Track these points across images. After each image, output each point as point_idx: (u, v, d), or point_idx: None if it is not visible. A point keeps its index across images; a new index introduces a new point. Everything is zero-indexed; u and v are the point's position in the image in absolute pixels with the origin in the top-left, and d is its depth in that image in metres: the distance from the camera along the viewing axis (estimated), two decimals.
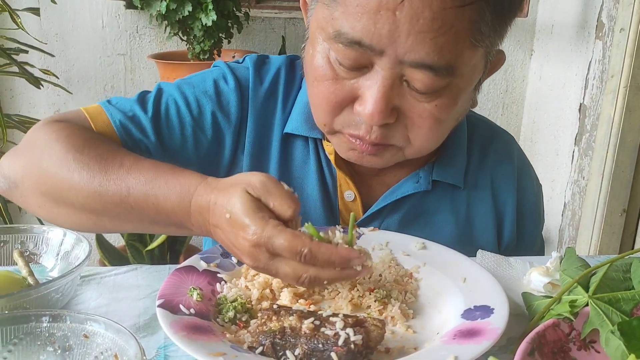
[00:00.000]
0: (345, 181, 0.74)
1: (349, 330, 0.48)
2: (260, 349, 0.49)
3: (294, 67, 0.76)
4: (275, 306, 0.53)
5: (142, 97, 0.72)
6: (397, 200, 0.73)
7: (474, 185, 0.77)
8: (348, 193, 0.74)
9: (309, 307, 0.57)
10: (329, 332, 0.48)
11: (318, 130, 0.71)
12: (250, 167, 0.74)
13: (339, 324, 0.49)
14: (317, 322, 0.50)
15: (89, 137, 0.64)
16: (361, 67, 0.58)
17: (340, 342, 0.47)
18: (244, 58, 0.76)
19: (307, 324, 0.49)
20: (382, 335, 0.50)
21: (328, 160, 0.74)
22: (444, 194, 0.76)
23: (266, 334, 0.49)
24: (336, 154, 0.71)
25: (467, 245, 0.75)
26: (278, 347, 0.49)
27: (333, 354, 0.47)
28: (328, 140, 0.71)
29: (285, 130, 0.73)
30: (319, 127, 0.68)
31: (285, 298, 0.58)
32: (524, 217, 0.81)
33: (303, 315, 0.51)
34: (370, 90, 0.58)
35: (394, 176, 0.75)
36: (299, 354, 0.48)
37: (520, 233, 0.81)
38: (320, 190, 0.73)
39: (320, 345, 0.48)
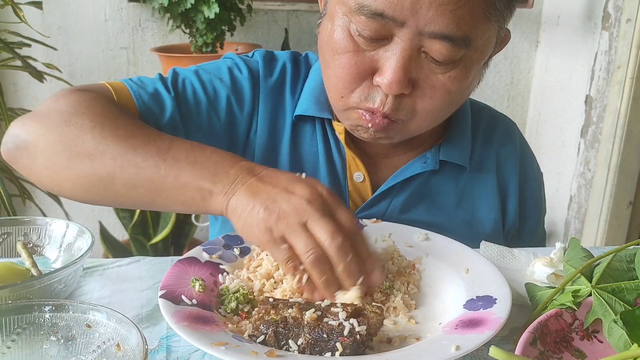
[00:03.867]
0: (354, 162, 0.76)
1: (353, 321, 0.48)
2: (262, 337, 0.49)
3: (297, 62, 0.80)
4: (271, 299, 0.53)
5: (161, 78, 0.74)
6: (405, 179, 0.75)
7: (478, 168, 0.79)
8: (357, 174, 0.76)
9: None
10: (333, 323, 0.49)
11: (328, 111, 0.74)
12: (262, 151, 0.76)
13: (342, 315, 0.49)
14: (319, 313, 0.50)
15: (123, 111, 0.66)
16: (381, 39, 0.60)
17: (345, 333, 0.47)
18: (253, 52, 0.80)
19: (309, 315, 0.49)
20: (381, 322, 0.50)
21: (337, 142, 0.76)
22: (450, 174, 0.78)
23: (268, 323, 0.49)
24: (346, 134, 0.74)
25: (473, 226, 0.78)
26: (281, 337, 0.49)
27: (338, 344, 0.47)
28: (338, 120, 0.74)
29: (295, 113, 0.76)
30: (334, 102, 0.68)
31: (287, 287, 0.58)
32: (525, 201, 0.83)
33: (302, 307, 0.51)
34: (390, 61, 0.60)
35: (402, 157, 0.77)
36: (302, 343, 0.48)
37: (522, 217, 0.83)
38: (329, 172, 0.76)
39: (324, 335, 0.48)
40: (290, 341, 0.48)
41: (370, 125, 0.65)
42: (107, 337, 0.45)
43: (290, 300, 0.53)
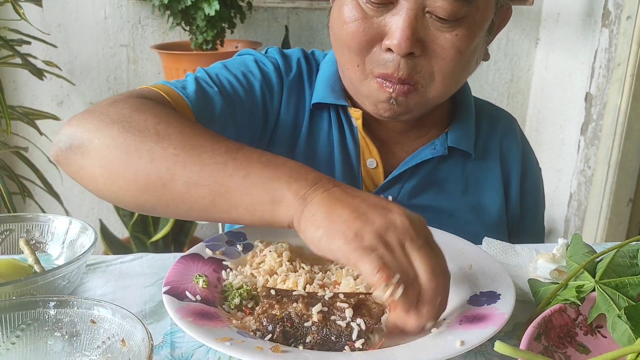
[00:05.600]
0: (367, 149, 0.78)
1: (360, 321, 0.48)
2: (269, 336, 0.49)
3: (308, 58, 0.83)
4: (273, 291, 0.52)
5: (196, 77, 0.72)
6: (416, 165, 0.78)
7: (483, 155, 0.82)
8: (370, 161, 0.78)
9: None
10: (341, 323, 0.49)
11: (344, 98, 0.76)
12: (283, 140, 0.78)
13: (348, 312, 0.49)
14: (325, 309, 0.50)
15: (180, 114, 0.63)
16: (387, 3, 0.64)
17: (354, 336, 0.48)
18: (267, 50, 0.82)
19: (315, 313, 0.49)
20: (382, 311, 0.51)
21: (352, 129, 0.78)
22: (457, 161, 0.80)
23: (273, 321, 0.49)
24: (364, 119, 0.76)
25: (479, 211, 0.80)
26: (289, 336, 0.49)
27: (347, 348, 0.48)
28: (355, 107, 0.76)
29: (313, 102, 0.78)
30: (351, 75, 0.70)
31: (291, 284, 0.58)
32: (525, 192, 0.85)
33: (307, 301, 0.51)
34: (397, 22, 0.63)
35: (412, 144, 0.80)
36: (310, 341, 0.48)
37: (522, 208, 0.85)
38: (343, 158, 0.78)
39: (333, 338, 0.48)
40: (299, 341, 0.49)
41: (391, 91, 0.67)
42: (112, 332, 0.45)
43: (294, 293, 0.53)
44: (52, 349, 0.46)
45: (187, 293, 0.54)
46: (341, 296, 0.51)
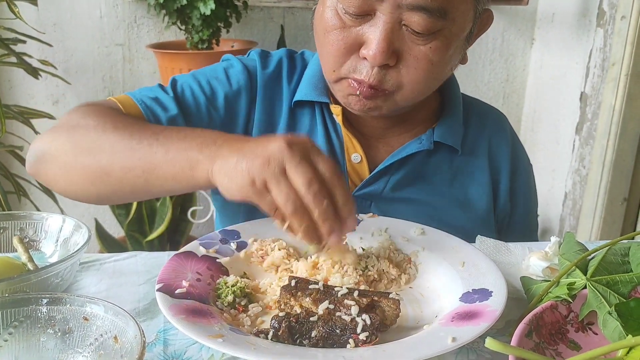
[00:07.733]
0: (351, 144, 0.79)
1: (365, 317, 0.49)
2: (272, 332, 0.49)
3: (293, 58, 0.84)
4: (293, 282, 0.54)
5: (160, 86, 0.80)
6: (402, 159, 0.79)
7: (470, 151, 0.83)
8: (355, 155, 0.79)
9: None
10: (346, 318, 0.50)
11: (326, 95, 0.78)
12: (259, 136, 0.79)
13: (354, 309, 0.50)
14: (332, 306, 0.51)
15: (126, 114, 0.72)
16: (365, 14, 0.66)
17: (358, 329, 0.49)
18: (249, 52, 0.85)
19: (322, 309, 0.51)
20: (397, 315, 0.52)
21: (335, 125, 0.79)
22: (444, 156, 0.82)
23: (279, 319, 0.50)
24: (343, 115, 0.78)
25: (465, 206, 0.81)
26: (294, 331, 0.49)
27: (351, 340, 0.48)
28: (335, 104, 0.77)
29: (295, 99, 0.80)
30: (328, 76, 0.73)
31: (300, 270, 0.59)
32: (516, 189, 0.86)
33: (318, 297, 0.52)
34: (373, 34, 0.65)
35: (397, 139, 0.81)
36: (315, 335, 0.49)
37: (513, 204, 0.86)
38: (328, 153, 0.79)
39: (337, 330, 0.49)
40: (304, 336, 0.49)
41: (358, 92, 0.69)
42: (105, 329, 0.45)
43: (311, 284, 0.54)
44: (45, 346, 0.46)
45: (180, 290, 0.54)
46: (355, 294, 0.52)
